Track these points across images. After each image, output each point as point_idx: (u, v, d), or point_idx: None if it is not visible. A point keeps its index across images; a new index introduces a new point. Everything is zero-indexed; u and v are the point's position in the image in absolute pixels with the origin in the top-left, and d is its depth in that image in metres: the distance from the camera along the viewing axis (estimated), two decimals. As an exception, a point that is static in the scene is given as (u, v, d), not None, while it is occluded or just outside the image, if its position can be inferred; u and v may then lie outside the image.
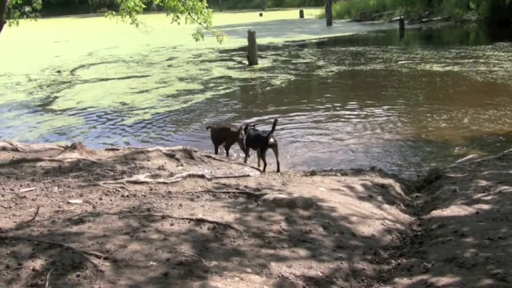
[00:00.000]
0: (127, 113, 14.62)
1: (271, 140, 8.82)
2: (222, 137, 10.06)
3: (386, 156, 10.36)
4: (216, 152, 10.24)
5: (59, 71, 23.05)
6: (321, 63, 23.35)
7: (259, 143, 8.94)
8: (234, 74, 21.00)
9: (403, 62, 22.28)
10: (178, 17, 11.61)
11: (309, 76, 20.28)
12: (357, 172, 8.65)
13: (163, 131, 12.75)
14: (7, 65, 24.69)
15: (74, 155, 7.76)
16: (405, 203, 7.11)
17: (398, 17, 39.28)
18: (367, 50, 26.82)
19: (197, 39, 11.54)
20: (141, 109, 14.99)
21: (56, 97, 17.18)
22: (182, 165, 8.28)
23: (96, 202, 5.70)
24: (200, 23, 11.63)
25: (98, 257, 4.15)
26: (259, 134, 9.06)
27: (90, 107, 15.45)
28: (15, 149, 8.16)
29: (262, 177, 7.84)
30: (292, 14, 56.78)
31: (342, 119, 13.20)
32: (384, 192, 7.24)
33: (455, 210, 6.10)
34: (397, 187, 7.72)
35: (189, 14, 11.64)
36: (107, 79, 20.56)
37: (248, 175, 7.85)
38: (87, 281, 3.82)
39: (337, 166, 9.58)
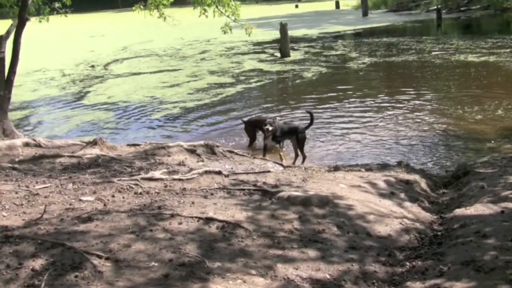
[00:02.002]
0: (156, 107, 14.64)
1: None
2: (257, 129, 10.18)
3: (415, 150, 10.09)
4: (250, 145, 10.39)
5: (92, 66, 23.30)
6: (353, 54, 22.98)
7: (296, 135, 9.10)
8: (265, 66, 20.85)
9: (437, 52, 21.70)
10: (205, 10, 11.53)
11: (341, 68, 19.97)
12: (383, 167, 8.44)
13: (190, 125, 12.72)
14: (42, 61, 25.07)
15: (94, 151, 7.76)
16: (429, 200, 6.84)
17: (436, 7, 38.34)
18: (401, 41, 26.24)
19: (225, 32, 11.44)
20: (170, 103, 15.00)
21: (88, 92, 17.36)
22: (203, 161, 8.26)
23: (108, 200, 5.64)
24: (228, 16, 11.53)
25: (99, 257, 4.07)
26: (296, 126, 9.05)
27: (121, 102, 15.54)
28: (38, 145, 8.21)
29: (283, 173, 7.70)
30: (328, 5, 56.11)
31: (372, 112, 12.92)
32: (408, 189, 6.98)
33: (479, 208, 5.80)
34: (423, 183, 7.45)
35: (216, 7, 11.56)
36: (139, 73, 20.68)
37: (269, 171, 7.78)
38: (84, 282, 3.73)
39: (363, 161, 9.37)
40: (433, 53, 21.75)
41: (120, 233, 4.58)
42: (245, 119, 11.00)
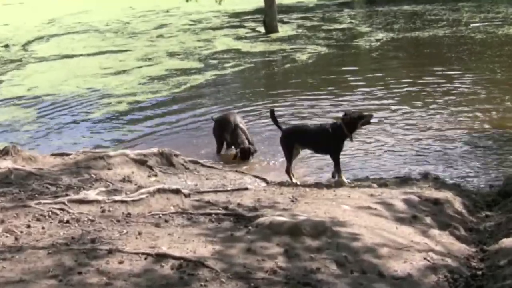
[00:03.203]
0: (95, 102, 14.53)
1: None
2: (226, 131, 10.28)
3: (447, 157, 10.09)
4: (218, 152, 10.45)
5: (6, 46, 23.07)
6: (363, 28, 23.06)
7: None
8: (244, 46, 20.81)
9: (477, 24, 21.83)
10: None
11: (347, 48, 19.96)
12: (402, 181, 8.43)
13: (140, 127, 12.64)
14: None
15: (4, 164, 7.63)
16: (466, 227, 6.84)
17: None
18: (428, 10, 26.37)
19: (188, -1, 11.41)
20: (114, 96, 14.90)
21: (-1, 82, 17.26)
22: (156, 175, 8.23)
23: (21, 231, 5.54)
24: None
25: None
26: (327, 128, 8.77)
27: (45, 95, 15.38)
28: None
29: (266, 191, 7.73)
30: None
31: (388, 108, 12.88)
32: (436, 211, 7.01)
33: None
34: (457, 203, 7.47)
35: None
36: (71, 56, 20.54)
37: (246, 188, 7.74)
38: None
39: (376, 173, 9.36)
40: (472, 25, 21.86)
41: (36, 279, 4.50)
42: (217, 116, 11.02)
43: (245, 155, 10.00)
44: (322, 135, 8.61)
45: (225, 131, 10.35)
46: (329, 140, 8.55)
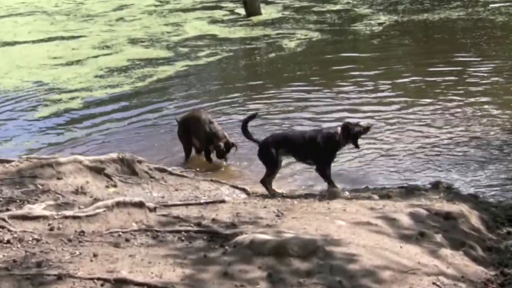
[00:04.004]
0: (43, 99, 14.50)
1: None
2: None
3: (461, 163, 10.12)
4: (187, 157, 10.47)
5: None
6: (362, 10, 23.00)
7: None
8: (221, 31, 20.79)
9: (498, 5, 21.87)
10: None
11: (343, 33, 19.96)
12: (408, 192, 8.49)
13: (98, 128, 12.59)
14: None
15: None
16: (484, 246, 6.87)
17: None
18: (438, -13, 26.50)
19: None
20: (67, 91, 14.85)
21: None
22: (115, 186, 8.24)
23: (-49, 254, 5.55)
24: None
25: None
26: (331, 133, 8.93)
27: (-20, 90, 15.39)
28: None
29: (246, 204, 7.82)
30: None
31: (391, 104, 12.93)
32: (449, 227, 7.02)
33: None
34: (474, 218, 7.52)
35: None
36: (14, 43, 20.44)
37: (223, 201, 7.80)
38: None
39: (377, 182, 9.44)
40: (491, 5, 21.86)
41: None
42: (183, 116, 11.05)
43: (229, 148, 10.10)
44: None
45: (194, 132, 10.37)
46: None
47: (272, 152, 8.80)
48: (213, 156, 10.39)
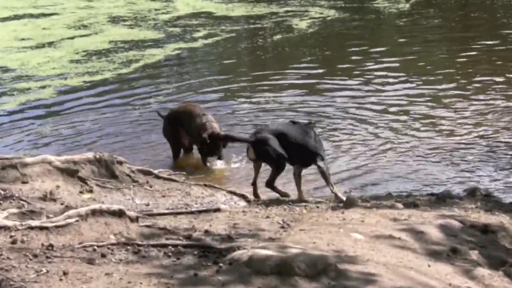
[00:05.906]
0: (9, 88, 14.48)
1: None
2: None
3: (502, 167, 10.13)
4: (175, 158, 10.45)
5: None
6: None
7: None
8: (219, 8, 20.86)
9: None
10: None
11: (362, 12, 19.86)
12: (439, 200, 8.50)
13: (74, 123, 12.48)
14: None
15: None
16: (529, 265, 6.76)
17: None
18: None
19: None
20: (37, 79, 14.83)
21: None
22: (90, 191, 8.21)
23: None
24: None
25: None
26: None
27: None
28: None
29: (245, 213, 7.76)
30: None
31: (419, 96, 12.84)
32: (486, 242, 7.04)
33: None
34: (517, 231, 7.30)
35: None
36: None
37: (218, 209, 7.77)
38: None
39: (401, 188, 9.51)
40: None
41: None
42: (170, 110, 10.92)
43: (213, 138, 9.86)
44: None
45: (185, 128, 10.29)
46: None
47: (275, 145, 8.56)
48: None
